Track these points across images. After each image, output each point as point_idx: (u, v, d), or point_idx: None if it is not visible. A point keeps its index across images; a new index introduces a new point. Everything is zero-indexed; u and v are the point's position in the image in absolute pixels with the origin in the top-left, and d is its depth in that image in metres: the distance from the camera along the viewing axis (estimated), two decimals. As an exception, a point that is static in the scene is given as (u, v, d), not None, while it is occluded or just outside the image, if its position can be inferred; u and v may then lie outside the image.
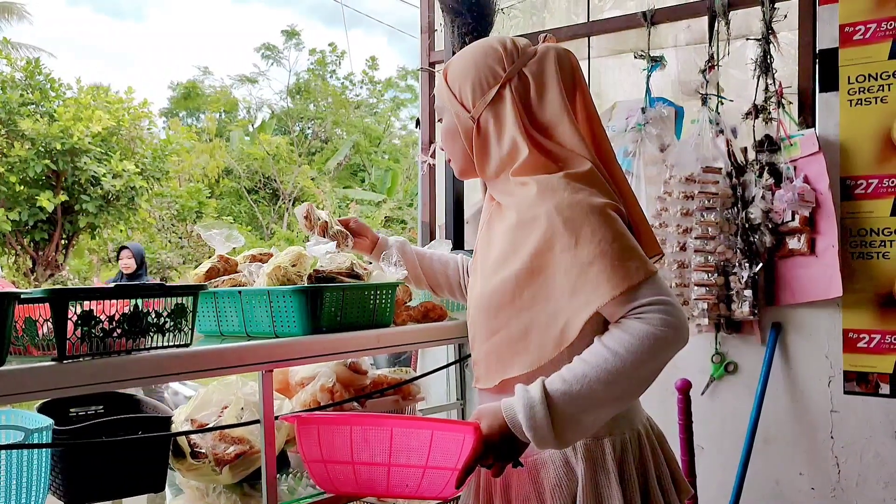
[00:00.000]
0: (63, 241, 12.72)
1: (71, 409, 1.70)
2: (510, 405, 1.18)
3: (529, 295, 1.26)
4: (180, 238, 15.51)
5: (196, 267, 1.83)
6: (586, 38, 2.96)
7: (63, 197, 11.89)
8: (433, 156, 3.31)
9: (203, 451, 1.72)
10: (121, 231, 13.18)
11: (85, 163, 11.69)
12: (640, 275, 1.19)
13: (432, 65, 3.33)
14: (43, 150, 11.51)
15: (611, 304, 1.18)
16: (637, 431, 1.34)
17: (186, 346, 1.37)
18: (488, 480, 1.37)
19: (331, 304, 1.60)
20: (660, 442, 1.39)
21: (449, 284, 1.82)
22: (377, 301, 1.72)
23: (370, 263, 1.83)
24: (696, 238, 2.46)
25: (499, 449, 1.18)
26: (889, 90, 2.27)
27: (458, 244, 3.07)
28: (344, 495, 1.30)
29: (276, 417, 1.54)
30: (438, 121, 1.48)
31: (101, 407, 1.74)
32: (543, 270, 1.24)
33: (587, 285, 1.19)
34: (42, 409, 1.60)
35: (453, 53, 3.02)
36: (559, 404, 1.15)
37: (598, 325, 1.24)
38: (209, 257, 1.82)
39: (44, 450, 1.38)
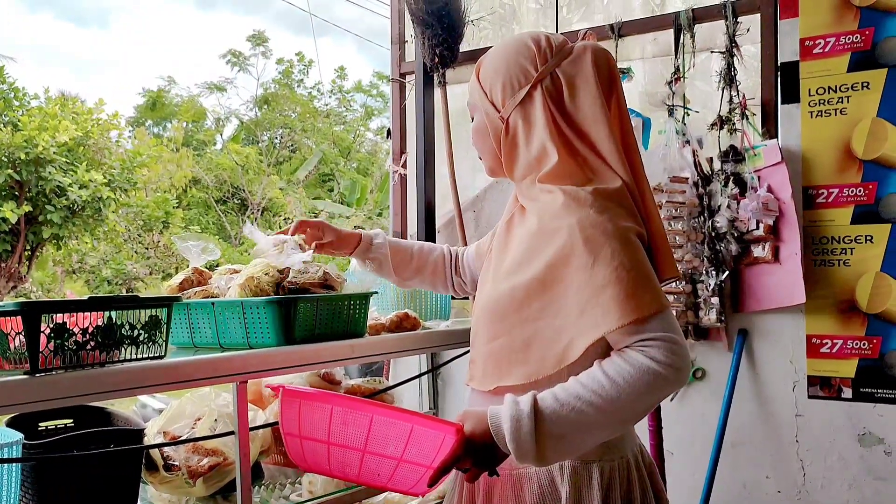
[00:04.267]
0: (27, 253, 12.49)
1: (40, 424, 1.68)
2: (497, 414, 1.16)
3: (538, 307, 1.24)
4: (147, 249, 15.31)
5: (164, 278, 1.82)
6: (555, 50, 3.00)
7: (27, 207, 11.68)
8: (404, 165, 3.33)
9: (176, 463, 1.71)
10: (86, 242, 12.98)
11: (50, 173, 11.50)
12: (652, 308, 1.16)
13: (402, 76, 3.35)
14: (6, 159, 11.30)
15: (618, 332, 1.16)
16: (627, 460, 1.30)
17: (160, 358, 1.36)
18: (471, 489, 1.36)
19: (304, 315, 1.61)
20: (649, 472, 1.36)
21: (421, 275, 1.73)
22: (350, 311, 1.72)
23: (345, 272, 1.84)
24: (663, 246, 2.50)
25: (478, 455, 1.16)
26: (848, 102, 2.34)
27: (430, 254, 3.08)
28: (315, 473, 1.28)
29: (251, 429, 1.55)
30: (471, 119, 1.43)
31: (71, 420, 1.72)
32: (556, 284, 1.22)
33: (597, 308, 1.17)
34: (11, 424, 1.58)
35: (423, 65, 3.06)
36: (547, 423, 1.13)
37: (602, 348, 1.21)
38: (176, 268, 1.81)
39: (14, 464, 1.36)
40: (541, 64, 1.31)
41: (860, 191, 2.32)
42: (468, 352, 2.20)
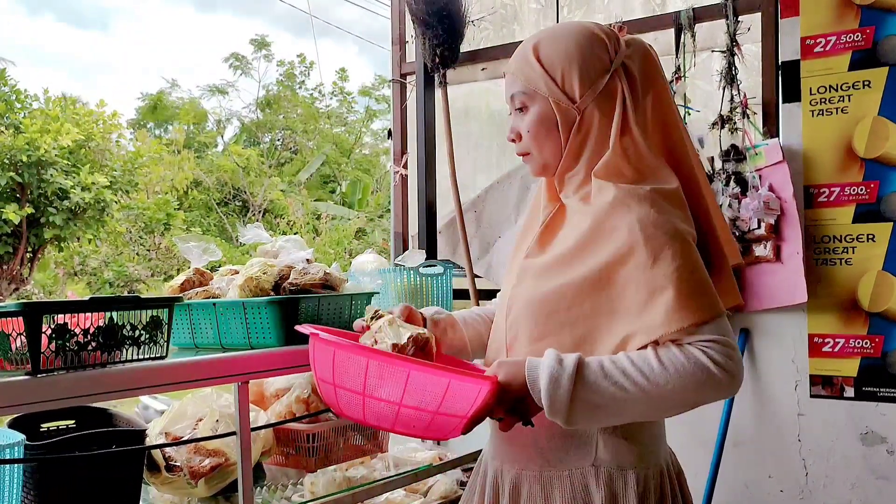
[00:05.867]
0: (28, 255, 12.50)
1: (42, 425, 1.68)
2: (535, 367, 1.14)
3: (590, 305, 1.20)
4: (148, 250, 15.31)
5: (165, 280, 1.82)
6: (556, 50, 3.00)
7: (29, 209, 11.69)
8: (405, 166, 3.33)
9: (178, 464, 1.71)
10: (89, 242, 12.99)
11: (52, 175, 11.51)
12: (710, 312, 1.15)
13: (404, 76, 3.35)
14: (8, 162, 11.31)
15: (676, 334, 1.14)
16: (660, 468, 1.28)
17: (162, 358, 1.36)
18: (495, 486, 1.33)
19: (306, 315, 1.61)
20: (679, 481, 1.33)
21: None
22: (352, 311, 1.72)
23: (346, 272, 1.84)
24: (665, 246, 2.50)
25: (512, 404, 1.15)
26: (849, 101, 2.33)
27: (431, 254, 3.09)
28: (348, 419, 1.25)
29: (253, 429, 1.54)
30: (518, 109, 1.33)
31: (73, 421, 1.72)
32: (612, 284, 1.18)
33: (655, 309, 1.14)
34: (12, 425, 1.58)
35: (424, 65, 3.07)
36: (585, 389, 1.12)
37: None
38: (178, 270, 1.81)
39: (16, 465, 1.36)
40: (613, 54, 1.27)
41: (862, 190, 2.31)
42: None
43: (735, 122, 2.49)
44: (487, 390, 1.12)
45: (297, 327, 1.28)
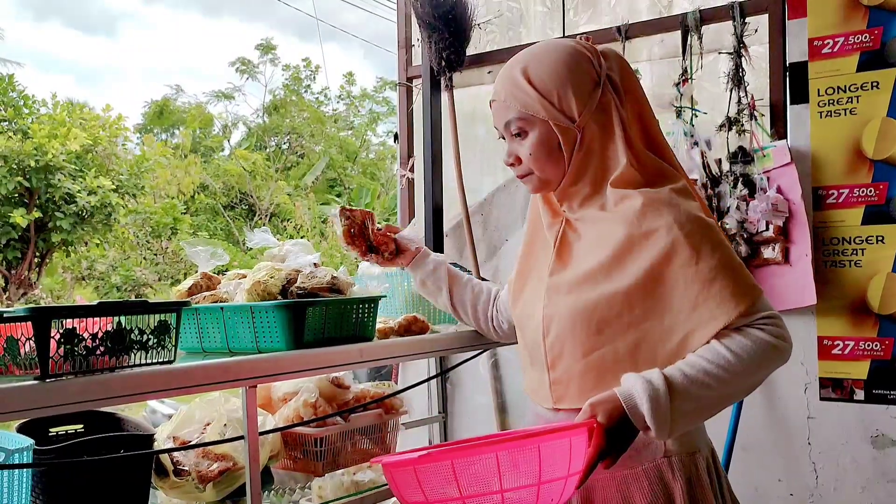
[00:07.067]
0: (36, 260, 12.55)
1: (50, 429, 1.68)
2: (630, 395, 1.16)
3: (642, 310, 1.23)
4: (155, 255, 15.36)
5: (172, 284, 1.83)
6: (562, 53, 3.00)
7: (37, 214, 11.75)
8: (412, 170, 3.33)
9: (186, 468, 1.71)
10: (96, 247, 13.04)
11: (59, 180, 11.57)
12: (757, 291, 1.22)
13: (410, 80, 3.35)
14: (16, 167, 11.36)
15: (733, 321, 1.19)
16: (711, 449, 1.35)
17: (170, 363, 1.36)
18: None
19: (313, 319, 1.60)
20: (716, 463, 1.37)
21: (476, 316, 1.74)
22: (359, 315, 1.72)
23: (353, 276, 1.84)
24: (673, 249, 2.49)
25: (619, 441, 1.17)
26: (858, 102, 2.32)
27: (438, 257, 3.08)
28: None
29: (260, 433, 1.54)
30: (516, 134, 1.34)
31: (81, 426, 1.72)
32: (660, 285, 1.22)
33: (710, 301, 1.19)
34: (21, 430, 1.58)
35: (430, 69, 3.06)
36: (681, 400, 1.15)
37: None
38: (185, 274, 1.82)
39: (25, 470, 1.36)
40: (598, 68, 1.31)
41: (871, 191, 2.30)
42: (477, 355, 2.20)
43: (742, 124, 2.48)
44: (582, 438, 1.11)
45: (374, 461, 1.18)
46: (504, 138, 1.39)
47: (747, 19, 2.50)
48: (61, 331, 1.19)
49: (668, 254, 1.21)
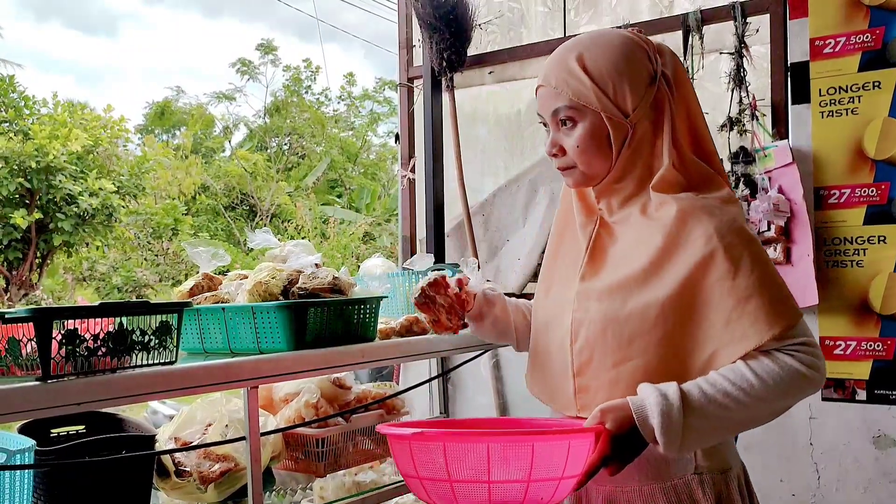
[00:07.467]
0: (37, 261, 12.55)
1: (52, 430, 1.68)
2: (642, 406, 1.13)
3: (675, 321, 1.18)
4: (156, 256, 15.36)
5: (174, 285, 1.82)
6: (563, 53, 3.00)
7: (38, 215, 11.74)
8: (413, 170, 3.33)
9: (188, 469, 1.71)
10: (97, 248, 13.03)
11: (60, 181, 11.56)
12: (796, 316, 1.16)
13: (410, 80, 3.35)
14: (17, 168, 11.36)
15: (765, 343, 1.14)
16: (743, 467, 1.30)
17: (171, 363, 1.36)
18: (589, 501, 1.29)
19: (315, 320, 1.60)
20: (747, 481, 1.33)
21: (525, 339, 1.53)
22: (360, 316, 1.72)
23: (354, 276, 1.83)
24: (674, 249, 2.49)
25: (625, 450, 1.14)
26: (859, 102, 2.32)
27: (440, 257, 3.08)
28: None
29: (262, 434, 1.54)
30: (565, 122, 1.26)
31: (83, 427, 1.72)
32: (695, 298, 1.17)
33: (744, 319, 1.14)
34: (23, 430, 1.58)
35: (431, 69, 3.06)
36: (695, 417, 1.12)
37: None
38: (186, 275, 1.81)
39: (26, 471, 1.36)
40: (654, 62, 1.25)
41: (872, 191, 2.30)
42: (479, 355, 2.20)
43: (744, 124, 2.48)
44: (584, 444, 1.10)
45: (379, 428, 1.19)
46: (546, 126, 1.31)
47: (748, 19, 2.50)
48: (63, 332, 1.19)
49: (705, 265, 1.16)
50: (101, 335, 1.24)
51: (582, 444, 1.10)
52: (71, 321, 1.21)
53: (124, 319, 1.28)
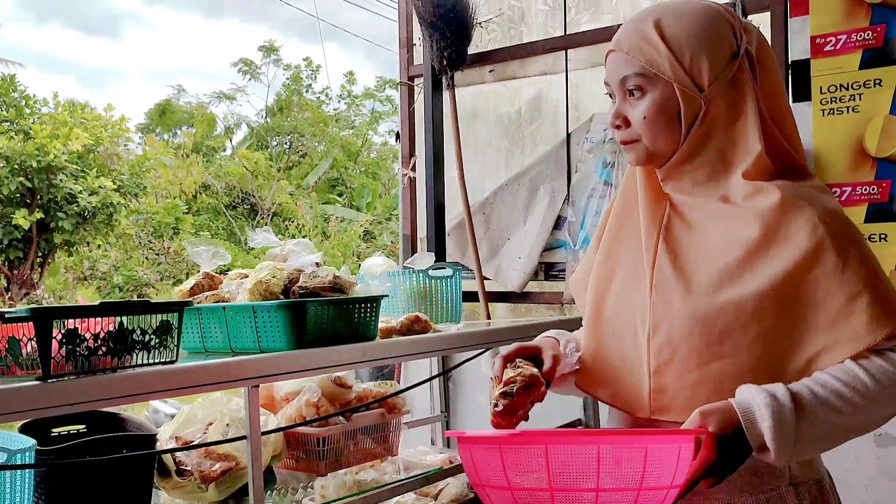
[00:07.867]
0: (38, 260, 12.57)
1: (53, 429, 1.68)
2: (749, 410, 1.01)
3: (772, 318, 1.08)
4: (157, 255, 15.37)
5: (175, 284, 1.82)
6: (564, 52, 3.00)
7: (39, 214, 11.75)
8: (413, 169, 3.32)
9: (188, 468, 1.71)
10: (98, 247, 13.04)
11: (61, 180, 11.57)
12: None
13: (411, 79, 3.35)
14: (17, 167, 11.37)
15: (880, 342, 1.05)
16: (831, 477, 1.21)
17: (172, 362, 1.36)
18: None
19: (316, 319, 1.60)
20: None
21: None
22: (361, 314, 1.72)
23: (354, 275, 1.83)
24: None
25: (730, 456, 1.01)
26: (860, 100, 2.32)
27: (440, 256, 3.08)
28: None
29: (263, 433, 1.54)
30: (629, 92, 1.16)
31: (84, 426, 1.72)
32: (798, 293, 1.07)
33: (854, 317, 1.05)
34: (23, 430, 1.58)
35: (432, 68, 3.06)
36: (807, 421, 1.01)
37: None
38: (187, 274, 1.82)
39: (27, 471, 1.36)
40: (738, 38, 1.15)
41: (873, 189, 2.30)
42: (479, 354, 2.20)
43: (745, 122, 2.48)
44: (690, 447, 0.98)
45: (447, 433, 1.08)
46: (612, 97, 1.21)
47: (749, 17, 2.50)
48: (63, 331, 1.19)
49: (810, 257, 1.06)
50: (102, 335, 1.25)
51: (688, 450, 0.97)
52: (71, 321, 1.21)
53: (125, 319, 1.28)
